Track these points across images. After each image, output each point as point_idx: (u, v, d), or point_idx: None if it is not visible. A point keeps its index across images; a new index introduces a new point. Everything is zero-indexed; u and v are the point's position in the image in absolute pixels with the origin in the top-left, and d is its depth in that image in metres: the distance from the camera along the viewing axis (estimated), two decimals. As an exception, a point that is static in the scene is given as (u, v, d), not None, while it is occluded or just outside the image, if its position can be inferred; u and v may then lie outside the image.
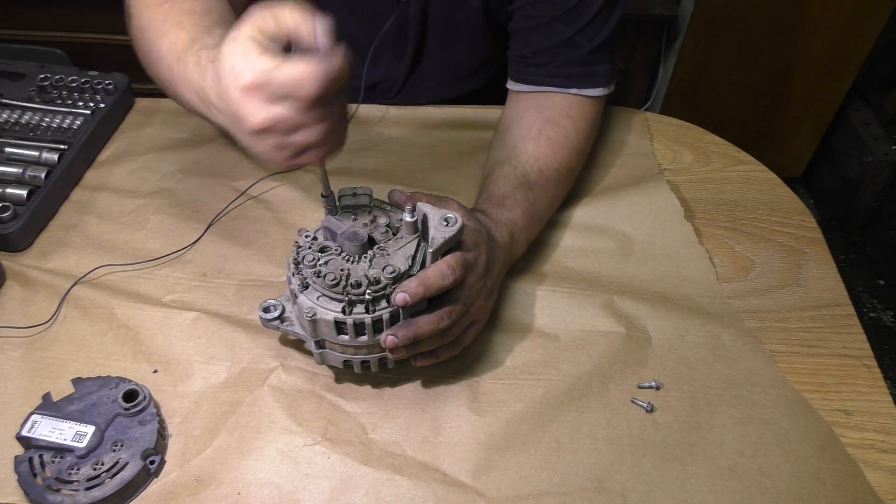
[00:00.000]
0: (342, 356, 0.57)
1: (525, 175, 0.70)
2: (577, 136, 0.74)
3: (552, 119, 0.74)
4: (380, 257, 0.55)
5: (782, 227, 0.77)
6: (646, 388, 0.61)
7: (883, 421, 0.60)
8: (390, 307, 0.54)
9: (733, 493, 0.55)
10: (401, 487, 0.55)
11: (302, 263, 0.55)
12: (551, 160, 0.71)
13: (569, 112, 0.75)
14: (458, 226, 0.54)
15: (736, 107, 1.77)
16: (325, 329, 0.55)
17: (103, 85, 0.85)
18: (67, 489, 0.52)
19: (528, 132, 0.73)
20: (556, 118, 0.74)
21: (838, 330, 0.67)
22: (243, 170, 0.81)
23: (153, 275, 0.70)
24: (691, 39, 1.64)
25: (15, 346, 0.63)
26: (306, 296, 0.55)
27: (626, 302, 0.68)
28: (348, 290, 0.53)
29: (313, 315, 0.54)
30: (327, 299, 0.54)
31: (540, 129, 0.73)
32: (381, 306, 0.54)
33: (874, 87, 1.80)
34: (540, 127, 0.73)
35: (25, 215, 0.71)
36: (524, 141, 0.72)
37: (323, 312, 0.54)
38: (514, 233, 0.66)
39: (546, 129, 0.73)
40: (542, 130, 0.73)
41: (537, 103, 0.76)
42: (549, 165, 0.71)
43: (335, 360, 0.58)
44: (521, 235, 0.68)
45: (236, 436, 0.58)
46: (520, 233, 0.67)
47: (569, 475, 0.56)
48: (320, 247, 0.56)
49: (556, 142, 0.72)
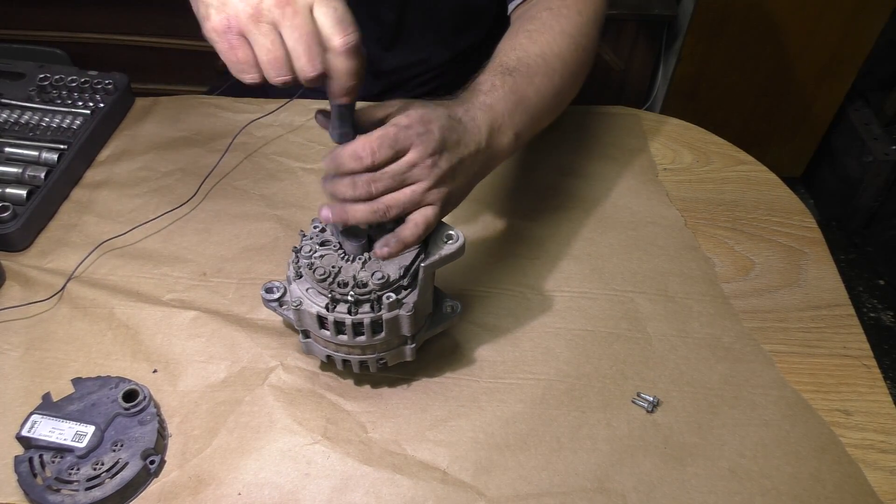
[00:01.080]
0: (325, 350, 0.57)
1: (501, 63, 0.63)
2: (561, 21, 0.67)
3: (529, 15, 0.69)
4: (374, 261, 0.54)
5: (782, 227, 0.77)
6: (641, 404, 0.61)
7: (883, 421, 0.60)
8: (373, 313, 0.53)
9: (734, 494, 0.55)
10: (401, 487, 0.55)
11: (300, 253, 0.56)
12: (530, 46, 0.64)
13: (548, 4, 0.68)
14: (459, 245, 0.54)
15: (736, 107, 1.77)
16: (308, 321, 0.55)
17: (103, 84, 0.85)
18: (67, 489, 0.52)
19: (505, 36, 0.67)
20: (532, 13, 0.68)
21: (838, 330, 0.67)
22: (243, 169, 0.81)
23: (152, 274, 0.70)
24: (691, 39, 1.64)
25: (15, 346, 0.63)
26: (298, 285, 0.55)
27: (627, 302, 0.68)
28: (334, 288, 0.53)
29: (299, 305, 0.54)
30: (315, 292, 0.54)
31: (517, 28, 0.67)
32: (363, 310, 0.53)
33: (874, 87, 1.80)
34: (517, 27, 0.68)
35: (25, 215, 0.71)
36: (500, 43, 0.67)
37: (308, 304, 0.54)
38: (494, 118, 0.58)
39: (523, 24, 0.67)
40: (519, 27, 0.67)
41: (522, 14, 0.71)
42: (529, 51, 0.64)
43: (319, 353, 0.58)
44: (504, 122, 0.59)
45: (236, 435, 0.58)
46: (500, 119, 0.59)
47: (569, 475, 0.56)
48: (321, 240, 0.56)
49: (534, 31, 0.66)
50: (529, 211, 0.77)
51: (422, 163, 0.52)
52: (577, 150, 0.85)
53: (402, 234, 0.53)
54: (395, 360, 0.58)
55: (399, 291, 0.54)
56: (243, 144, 0.84)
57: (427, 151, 0.52)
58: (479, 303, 0.68)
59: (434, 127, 0.53)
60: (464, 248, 0.54)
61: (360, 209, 0.52)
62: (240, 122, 0.86)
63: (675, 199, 0.79)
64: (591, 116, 0.90)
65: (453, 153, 0.55)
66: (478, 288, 0.69)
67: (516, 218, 0.76)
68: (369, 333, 0.54)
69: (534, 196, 0.79)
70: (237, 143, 0.84)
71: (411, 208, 0.53)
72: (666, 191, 0.80)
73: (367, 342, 0.55)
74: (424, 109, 0.54)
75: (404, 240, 0.53)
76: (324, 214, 0.53)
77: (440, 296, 0.61)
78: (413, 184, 0.53)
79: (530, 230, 0.75)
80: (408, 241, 0.53)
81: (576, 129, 0.87)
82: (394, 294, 0.53)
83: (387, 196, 0.52)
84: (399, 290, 0.54)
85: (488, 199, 0.78)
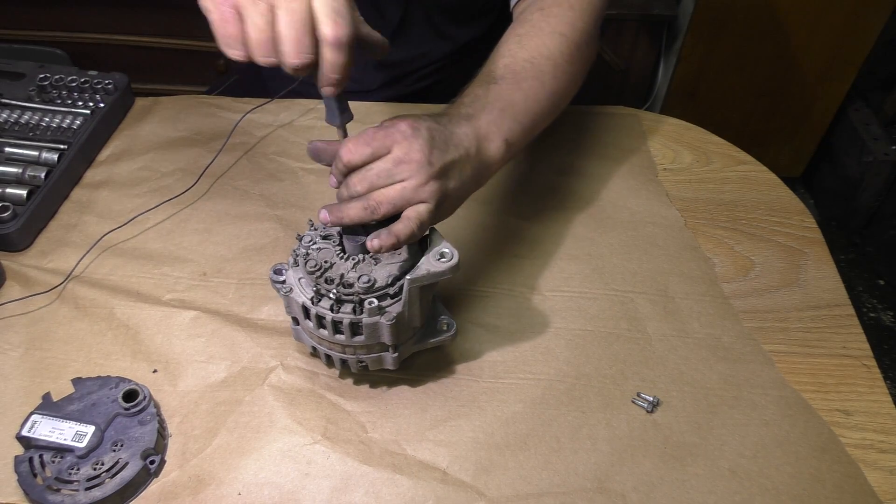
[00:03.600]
0: (311, 342, 0.58)
1: (488, 73, 0.63)
2: (551, 21, 0.66)
3: (522, 18, 0.67)
4: (367, 264, 0.54)
5: (782, 227, 0.77)
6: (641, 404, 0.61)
7: (883, 421, 0.60)
8: (354, 315, 0.53)
9: (733, 494, 0.55)
10: (401, 486, 0.55)
11: (301, 241, 0.56)
12: (518, 52, 0.64)
13: (540, 5, 0.68)
14: (451, 264, 0.53)
15: (736, 107, 1.77)
16: (296, 309, 0.55)
17: (103, 84, 0.85)
18: (67, 489, 0.52)
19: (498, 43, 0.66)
20: (525, 16, 0.67)
21: (838, 330, 0.67)
22: (243, 169, 0.81)
23: (152, 274, 0.70)
24: (691, 39, 1.64)
25: (15, 346, 0.63)
26: (293, 272, 0.55)
27: (627, 302, 0.68)
28: (320, 282, 0.53)
29: (289, 291, 0.54)
30: (306, 283, 0.54)
31: (509, 34, 0.66)
32: (345, 310, 0.53)
33: (874, 87, 1.80)
34: (509, 32, 0.67)
35: (25, 215, 0.71)
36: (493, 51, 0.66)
37: (297, 293, 0.54)
38: (479, 128, 0.58)
39: (514, 29, 0.66)
40: (511, 32, 0.66)
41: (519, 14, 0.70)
42: (517, 57, 0.63)
43: (307, 342, 0.58)
44: (490, 131, 0.59)
45: (236, 435, 0.58)
46: (486, 128, 0.58)
47: (569, 475, 0.56)
48: (325, 234, 0.57)
49: (524, 34, 0.65)
50: (529, 211, 0.77)
51: (409, 160, 0.52)
52: (576, 150, 0.85)
53: (394, 228, 0.52)
54: (375, 365, 0.58)
55: (384, 298, 0.53)
56: (243, 144, 0.84)
57: (414, 148, 0.52)
58: (479, 303, 0.68)
59: (421, 126, 0.54)
60: (457, 268, 0.53)
61: (353, 206, 0.52)
62: (240, 122, 0.86)
63: (674, 199, 0.79)
64: (590, 116, 0.90)
65: (444, 152, 0.54)
66: (478, 288, 0.69)
67: (516, 218, 0.76)
68: (348, 334, 0.54)
69: (533, 196, 0.79)
70: (237, 144, 0.84)
71: (403, 205, 0.53)
72: (666, 191, 0.80)
73: (346, 342, 0.55)
74: (411, 115, 0.55)
75: (397, 234, 0.52)
76: (322, 216, 0.54)
77: (438, 311, 0.60)
78: (402, 181, 0.52)
79: (530, 230, 0.75)
80: (400, 237, 0.52)
81: (575, 129, 0.87)
82: (377, 300, 0.53)
83: (376, 193, 0.52)
84: (384, 298, 0.53)
85: (488, 199, 0.78)
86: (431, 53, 0.92)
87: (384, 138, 0.52)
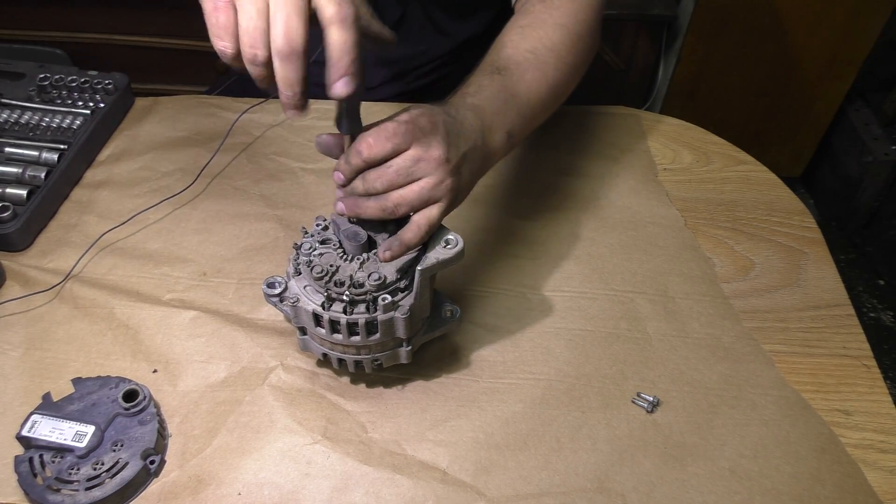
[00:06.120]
0: (321, 349, 0.57)
1: (491, 64, 0.62)
2: (554, 13, 0.66)
3: (524, 10, 0.67)
4: (372, 262, 0.54)
5: (782, 227, 0.77)
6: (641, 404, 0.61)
7: (883, 421, 0.60)
8: (368, 314, 0.53)
9: (733, 494, 0.55)
10: (401, 486, 0.55)
11: (300, 250, 0.56)
12: (521, 42, 0.64)
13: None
14: (457, 250, 0.53)
15: (736, 107, 1.77)
16: (305, 318, 0.55)
17: (103, 85, 0.85)
18: (67, 489, 0.52)
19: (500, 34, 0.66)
20: (528, 7, 0.67)
21: (838, 330, 0.67)
22: (243, 169, 0.81)
23: (152, 274, 0.70)
24: (691, 39, 1.64)
25: (15, 346, 0.63)
26: (296, 282, 0.55)
27: (627, 302, 0.68)
28: (330, 287, 0.53)
29: (296, 301, 0.54)
30: (312, 290, 0.54)
31: (511, 24, 0.66)
32: (359, 310, 0.53)
33: (874, 87, 1.80)
34: (511, 23, 0.67)
35: (25, 215, 0.71)
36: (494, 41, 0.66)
37: (305, 302, 0.54)
38: (484, 118, 0.58)
39: (516, 20, 0.66)
40: (513, 23, 0.66)
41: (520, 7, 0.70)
42: (519, 48, 0.63)
43: (316, 351, 0.58)
44: (494, 122, 0.59)
45: (236, 435, 0.58)
46: (491, 118, 0.59)
47: (569, 475, 0.56)
48: (322, 238, 0.57)
49: (526, 26, 0.65)
50: (529, 211, 0.77)
51: (428, 157, 0.52)
52: (576, 150, 0.85)
53: (404, 236, 0.53)
54: (390, 361, 0.58)
55: (395, 293, 0.53)
56: (243, 144, 0.84)
57: (433, 144, 0.52)
58: (479, 303, 0.68)
59: (438, 121, 0.53)
60: (462, 254, 0.54)
61: (371, 205, 0.52)
62: (240, 121, 0.86)
63: (674, 199, 0.79)
64: (591, 116, 0.90)
65: (458, 146, 0.54)
66: (478, 288, 0.69)
67: (516, 218, 0.77)
68: (364, 334, 0.54)
69: (534, 196, 0.79)
70: (237, 143, 0.84)
71: (420, 206, 0.53)
72: (666, 191, 0.80)
73: (361, 342, 0.55)
74: (425, 107, 0.54)
75: (407, 242, 0.53)
76: (338, 207, 0.54)
77: (440, 299, 0.61)
78: (420, 179, 0.52)
79: (530, 230, 0.75)
80: (410, 244, 0.53)
81: (576, 129, 0.88)
82: (390, 296, 0.53)
83: (394, 194, 0.52)
84: (395, 292, 0.53)
85: (488, 199, 0.78)
86: (432, 50, 0.93)
87: (405, 134, 0.51)
